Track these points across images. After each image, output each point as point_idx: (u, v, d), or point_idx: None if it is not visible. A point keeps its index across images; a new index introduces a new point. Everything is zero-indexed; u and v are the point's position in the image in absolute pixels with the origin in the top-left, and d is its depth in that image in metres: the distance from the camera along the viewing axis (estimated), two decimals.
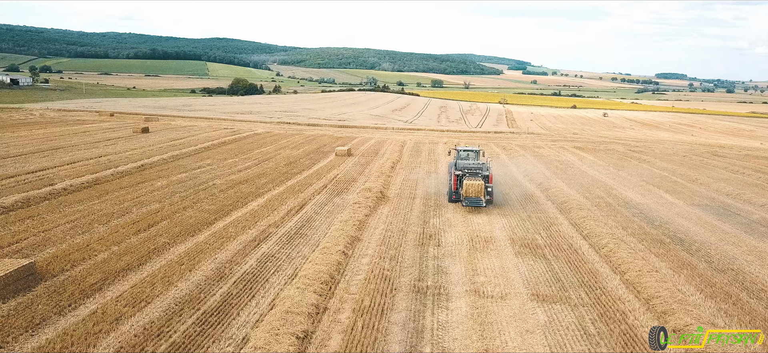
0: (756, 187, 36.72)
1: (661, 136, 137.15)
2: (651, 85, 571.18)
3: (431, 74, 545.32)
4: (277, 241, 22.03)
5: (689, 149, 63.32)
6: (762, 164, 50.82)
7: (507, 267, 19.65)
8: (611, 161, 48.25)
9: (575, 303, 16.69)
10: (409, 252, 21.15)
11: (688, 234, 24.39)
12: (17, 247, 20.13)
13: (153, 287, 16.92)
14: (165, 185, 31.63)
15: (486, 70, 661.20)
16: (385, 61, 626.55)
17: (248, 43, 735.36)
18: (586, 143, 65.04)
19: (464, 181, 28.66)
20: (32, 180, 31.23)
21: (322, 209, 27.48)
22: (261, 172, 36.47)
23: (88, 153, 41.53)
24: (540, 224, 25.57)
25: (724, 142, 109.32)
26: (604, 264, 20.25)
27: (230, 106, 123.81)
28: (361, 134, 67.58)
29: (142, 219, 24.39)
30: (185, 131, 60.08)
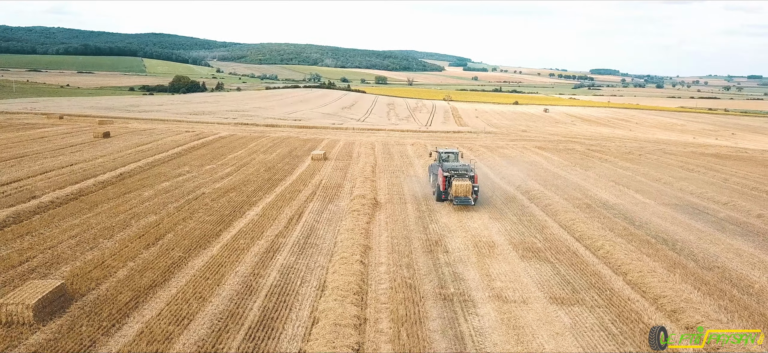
0: (713, 186, 39.43)
1: (602, 131, 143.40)
2: (586, 80, 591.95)
3: (375, 71, 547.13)
4: (291, 252, 22.47)
5: (640, 147, 66.82)
6: (709, 162, 54.30)
7: (517, 272, 20.81)
8: (575, 161, 50.53)
9: (591, 305, 17.97)
10: (421, 259, 22.00)
11: (669, 234, 26.25)
12: (30, 266, 19.89)
13: (188, 303, 17.18)
14: (153, 195, 31.35)
15: (428, 66, 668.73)
16: (327, 57, 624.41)
17: (186, 38, 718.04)
18: (544, 142, 67.53)
19: (453, 182, 30.56)
20: (12, 193, 30.35)
21: (320, 217, 27.97)
22: (244, 179, 36.50)
23: (56, 161, 40.37)
24: (533, 228, 26.91)
25: (662, 137, 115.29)
26: (603, 265, 21.70)
27: (180, 106, 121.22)
28: (325, 135, 67.87)
29: (146, 232, 24.31)
30: (147, 135, 58.86)
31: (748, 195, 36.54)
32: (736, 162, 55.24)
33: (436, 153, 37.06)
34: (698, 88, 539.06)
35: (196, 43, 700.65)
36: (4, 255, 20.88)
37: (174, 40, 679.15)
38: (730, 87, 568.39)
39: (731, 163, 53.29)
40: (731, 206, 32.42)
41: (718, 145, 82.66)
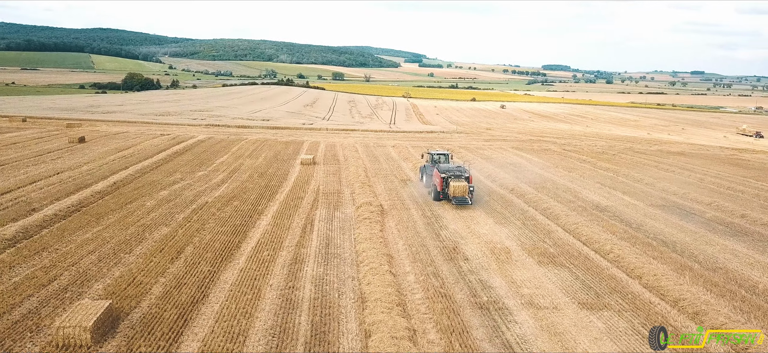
0: (691, 186, 41.52)
1: (560, 127, 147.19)
2: (539, 76, 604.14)
3: (331, 67, 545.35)
4: (316, 262, 22.84)
5: (610, 146, 69.26)
6: (680, 160, 56.85)
7: (539, 278, 21.77)
8: (556, 162, 52.15)
9: (619, 310, 19.06)
10: (444, 267, 22.72)
11: (667, 237, 27.73)
12: (59, 285, 19.76)
13: (236, 319, 17.46)
14: (155, 205, 31.13)
15: (384, 62, 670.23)
16: (283, 53, 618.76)
17: (135, 34, 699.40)
18: (519, 143, 69.24)
19: (450, 183, 32.98)
20: (9, 206, 29.67)
21: (331, 225, 28.36)
22: (242, 187, 36.47)
23: (40, 169, 39.43)
24: (540, 233, 27.97)
25: (618, 133, 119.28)
26: (616, 269, 22.89)
27: (141, 106, 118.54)
28: (302, 137, 67.83)
29: (164, 245, 24.28)
30: (123, 139, 57.73)
31: (726, 195, 38.65)
32: (704, 160, 58.01)
33: (428, 155, 39.07)
34: (646, 83, 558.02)
35: (146, 39, 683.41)
36: (30, 274, 20.61)
37: (122, 36, 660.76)
38: (675, 82, 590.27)
39: (700, 162, 55.95)
40: (715, 207, 34.29)
41: (679, 141, 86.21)
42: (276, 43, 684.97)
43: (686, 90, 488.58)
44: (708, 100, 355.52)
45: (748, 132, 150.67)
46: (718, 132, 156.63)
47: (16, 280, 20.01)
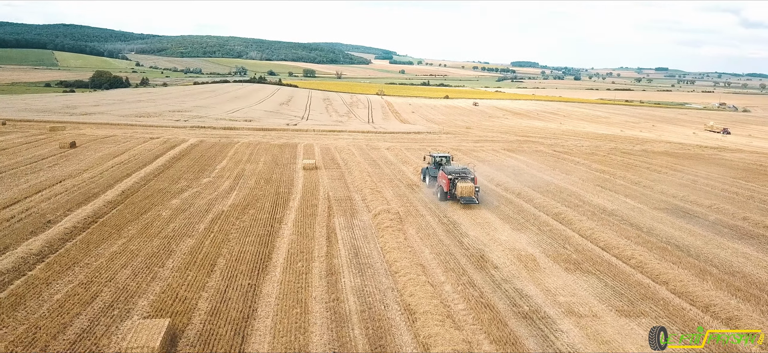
0: (687, 188, 42.90)
1: (535, 125, 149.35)
2: (509, 73, 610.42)
3: (302, 63, 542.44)
4: (350, 273, 23.16)
5: (596, 146, 70.76)
6: (668, 161, 58.48)
7: (571, 285, 22.49)
8: (551, 164, 53.23)
9: (655, 316, 19.90)
10: (477, 276, 23.27)
11: (679, 241, 28.75)
12: (103, 302, 19.78)
13: (294, 335, 17.76)
14: (172, 215, 31.02)
15: (355, 59, 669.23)
16: (252, 49, 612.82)
17: (100, 30, 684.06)
18: (508, 144, 70.25)
19: (458, 184, 35.12)
20: (23, 217, 29.30)
21: (353, 234, 28.65)
22: (252, 194, 36.48)
23: (40, 178, 38.82)
24: (559, 239, 28.71)
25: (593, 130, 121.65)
26: (641, 275, 23.76)
27: (119, 107, 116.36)
28: (294, 139, 67.70)
29: (195, 258, 24.34)
30: (114, 144, 56.92)
31: (722, 197, 40.06)
32: (689, 161, 59.77)
33: (430, 157, 41.67)
34: (612, 79, 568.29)
35: (112, 35, 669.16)
36: (69, 291, 20.52)
37: (86, 32, 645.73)
38: (641, 78, 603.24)
39: (687, 163, 57.67)
40: (715, 209, 35.59)
41: (655, 139, 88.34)
42: (245, 40, 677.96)
43: (652, 86, 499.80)
44: (673, 96, 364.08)
45: (715, 128, 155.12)
46: (687, 128, 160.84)
47: (59, 298, 19.93)
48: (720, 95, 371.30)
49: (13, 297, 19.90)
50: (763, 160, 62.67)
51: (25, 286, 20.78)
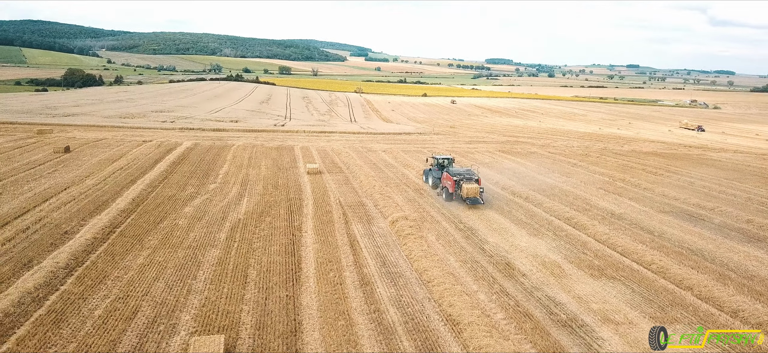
0: (687, 190, 44.01)
1: (514, 122, 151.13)
2: (484, 70, 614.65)
3: (277, 60, 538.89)
4: (383, 283, 23.41)
5: (586, 146, 71.96)
6: (660, 162, 59.72)
7: (600, 292, 23.08)
8: (549, 166, 54.01)
9: (687, 322, 20.63)
10: (508, 285, 23.71)
11: (692, 245, 29.55)
12: (146, 317, 19.81)
13: (347, 350, 17.92)
14: (189, 223, 30.92)
15: (330, 56, 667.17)
16: (226, 46, 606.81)
17: (70, 26, 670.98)
18: (501, 145, 70.95)
19: (463, 185, 36.84)
20: (38, 229, 28.96)
21: (375, 242, 28.87)
22: (264, 201, 36.45)
23: (43, 186, 38.27)
24: (577, 244, 29.29)
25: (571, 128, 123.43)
26: (665, 281, 24.45)
27: (100, 107, 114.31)
28: (287, 141, 67.52)
29: (225, 269, 24.37)
30: (107, 148, 56.13)
31: (722, 199, 41.19)
32: (680, 161, 61.16)
33: (433, 159, 43.32)
34: (585, 76, 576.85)
35: (81, 32, 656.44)
36: (108, 306, 20.45)
37: (55, 28, 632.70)
38: (613, 75, 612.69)
39: (678, 164, 59.03)
40: (719, 212, 36.61)
41: (634, 137, 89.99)
42: (219, 37, 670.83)
43: (624, 83, 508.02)
44: (646, 94, 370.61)
45: (690, 126, 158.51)
46: (663, 126, 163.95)
47: (99, 313, 19.86)
48: (691, 92, 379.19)
49: (52, 313, 19.77)
50: (749, 160, 64.45)
51: (61, 302, 20.64)
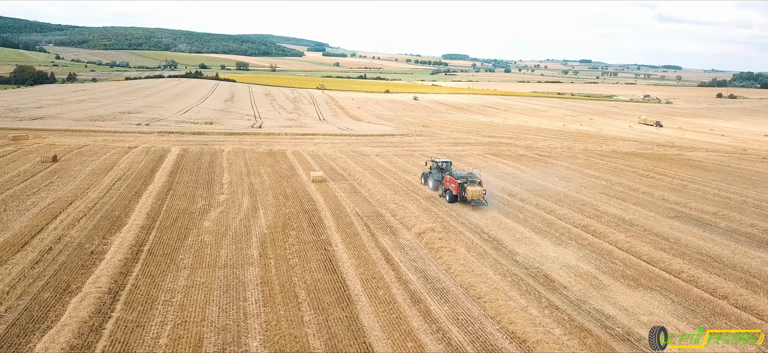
0: (684, 194, 45.71)
1: (479, 119, 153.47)
2: (442, 66, 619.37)
3: (234, 56, 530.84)
4: (434, 301, 23.65)
5: (569, 147, 73.82)
6: (647, 164, 61.85)
7: (643, 304, 23.93)
8: (543, 169, 55.40)
9: (739, 332, 21.50)
10: (554, 298, 24.31)
11: (710, 252, 30.72)
12: (213, 343, 19.53)
13: None
14: (214, 240, 30.57)
15: (288, 51, 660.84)
16: (181, 41, 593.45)
17: (14, 20, 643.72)
18: (487, 146, 72.18)
19: (467, 188, 38.90)
20: (62, 249, 28.36)
21: (408, 255, 29.09)
22: (280, 213, 36.25)
23: (46, 199, 37.42)
24: (603, 253, 30.14)
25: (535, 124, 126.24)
26: (699, 290, 25.51)
27: (66, 108, 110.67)
28: (274, 145, 66.98)
29: (271, 289, 24.31)
30: (94, 155, 54.76)
31: (719, 202, 42.96)
32: (664, 163, 63.54)
33: (433, 162, 45.42)
34: (541, 71, 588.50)
35: (27, 26, 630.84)
36: (172, 334, 20.26)
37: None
38: (568, 70, 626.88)
39: (663, 165, 61.29)
40: (721, 217, 38.26)
41: (597, 133, 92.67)
42: (173, 32, 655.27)
43: (578, 78, 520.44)
44: (600, 89, 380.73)
45: (648, 121, 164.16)
46: (622, 121, 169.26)
47: (164, 342, 19.65)
48: (643, 87, 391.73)
49: (117, 344, 19.40)
50: (725, 160, 67.47)
51: (121, 331, 20.25)
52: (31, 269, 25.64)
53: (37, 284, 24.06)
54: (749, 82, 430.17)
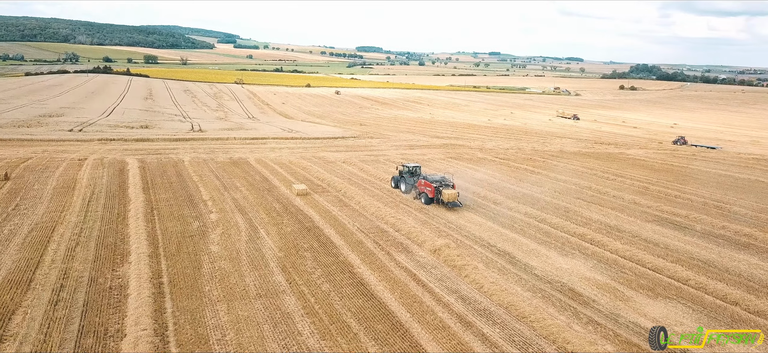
0: (648, 196, 49.04)
1: (407, 114, 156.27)
2: (357, 58, 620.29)
3: (140, 48, 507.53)
4: (485, 325, 24.29)
5: (518, 149, 76.74)
6: (595, 164, 65.51)
7: (669, 314, 25.78)
8: (509, 173, 57.58)
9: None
10: (589, 313, 25.67)
11: (700, 257, 33.30)
12: None
13: None
14: (232, 266, 29.76)
15: (197, 43, 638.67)
16: (81, 33, 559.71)
17: None
18: (445, 149, 73.68)
19: (443, 191, 42.03)
20: (75, 287, 26.81)
21: (432, 274, 29.60)
22: (283, 232, 35.65)
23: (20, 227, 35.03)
24: (610, 264, 31.86)
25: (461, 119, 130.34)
26: (712, 297, 27.70)
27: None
28: (232, 153, 65.15)
29: (322, 321, 24.24)
30: (44, 170, 51.15)
31: (686, 204, 46.38)
32: (613, 163, 67.64)
33: (404, 167, 48.16)
34: (454, 64, 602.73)
35: None
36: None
37: None
38: (479, 63, 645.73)
39: (614, 165, 65.32)
40: (694, 219, 41.42)
41: (521, 127, 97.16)
42: (72, 22, 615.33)
43: (490, 70, 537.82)
44: (513, 81, 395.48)
45: (566, 115, 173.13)
46: (541, 114, 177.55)
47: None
48: (551, 79, 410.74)
49: None
50: (664, 158, 72.85)
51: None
52: (53, 312, 24.10)
53: (70, 328, 22.70)
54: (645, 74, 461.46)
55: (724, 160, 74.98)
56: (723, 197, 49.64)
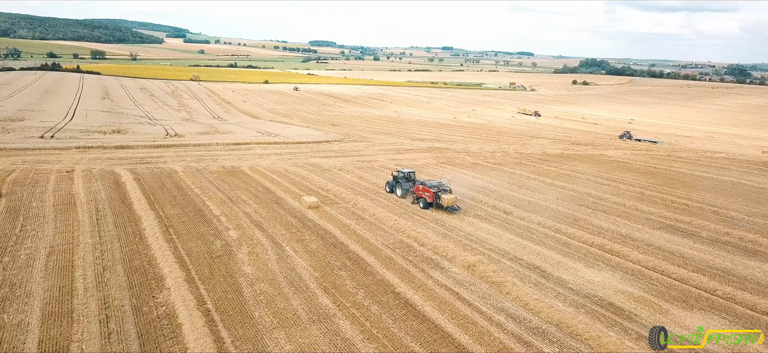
0: (645, 201, 50.86)
1: (372, 112, 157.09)
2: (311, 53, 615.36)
3: (86, 43, 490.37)
4: (544, 344, 24.93)
5: (503, 152, 77.94)
6: (581, 167, 67.26)
7: (709, 324, 26.90)
8: (506, 179, 58.56)
9: None
10: (633, 327, 26.56)
11: (715, 264, 34.86)
12: None
13: None
14: (274, 291, 29.50)
15: (145, 38, 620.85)
16: (21, 27, 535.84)
17: None
18: (431, 154, 74.27)
19: (442, 196, 43.90)
20: (120, 317, 26.13)
21: (472, 291, 30.07)
22: (309, 249, 35.46)
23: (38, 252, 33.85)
24: (635, 274, 33.05)
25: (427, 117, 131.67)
26: (742, 307, 29.05)
27: None
28: (222, 160, 63.98)
29: (386, 347, 24.23)
30: (33, 184, 49.24)
31: (685, 210, 48.36)
32: (598, 165, 69.68)
33: (399, 173, 49.95)
34: (408, 59, 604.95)
35: None
36: None
37: None
38: (433, 58, 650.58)
39: (601, 168, 67.32)
40: (697, 226, 43.18)
41: (485, 124, 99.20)
42: (10, 15, 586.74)
43: (444, 65, 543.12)
44: (469, 77, 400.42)
45: (528, 111, 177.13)
46: (503, 111, 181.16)
47: None
48: (505, 74, 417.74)
49: None
50: (646, 160, 75.73)
51: None
52: (108, 344, 23.50)
53: None
54: (594, 68, 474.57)
55: (698, 161, 78.32)
56: (715, 201, 51.93)
